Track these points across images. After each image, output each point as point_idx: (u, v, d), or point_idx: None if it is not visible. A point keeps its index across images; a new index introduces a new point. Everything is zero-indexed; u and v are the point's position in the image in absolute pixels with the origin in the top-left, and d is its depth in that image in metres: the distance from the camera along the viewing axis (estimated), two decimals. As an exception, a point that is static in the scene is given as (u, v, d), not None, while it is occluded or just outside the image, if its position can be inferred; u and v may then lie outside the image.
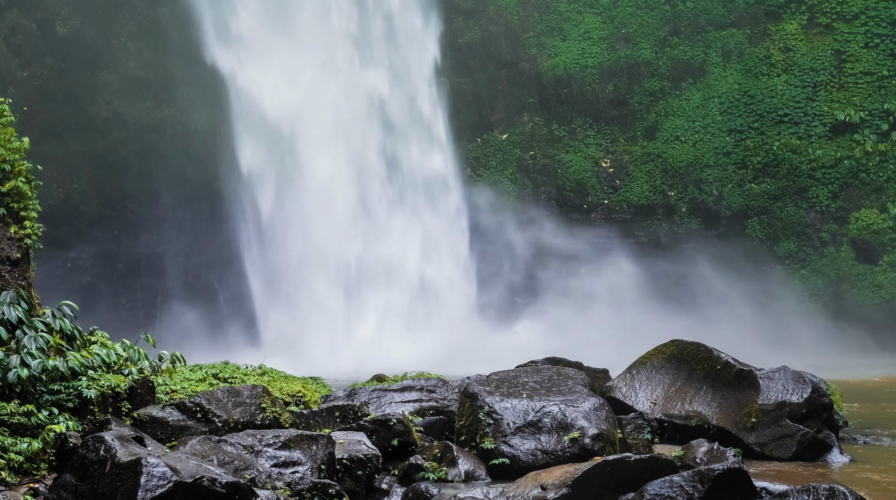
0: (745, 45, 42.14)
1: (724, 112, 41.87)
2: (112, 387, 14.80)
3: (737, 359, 17.81)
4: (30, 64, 42.57)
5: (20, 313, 14.46)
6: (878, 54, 40.78)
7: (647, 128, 42.72)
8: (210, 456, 13.13)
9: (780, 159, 40.88)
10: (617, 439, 15.73)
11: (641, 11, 43.19)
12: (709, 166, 41.68)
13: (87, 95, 42.66)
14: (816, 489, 11.92)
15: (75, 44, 42.43)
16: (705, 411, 17.27)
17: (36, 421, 13.61)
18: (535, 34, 43.68)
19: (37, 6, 42.43)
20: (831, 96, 40.98)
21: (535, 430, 15.53)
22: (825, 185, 40.48)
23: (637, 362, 18.75)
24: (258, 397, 15.69)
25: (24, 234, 15.89)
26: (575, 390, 16.50)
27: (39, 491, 12.58)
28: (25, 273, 15.83)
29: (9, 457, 12.92)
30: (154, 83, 42.67)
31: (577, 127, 43.17)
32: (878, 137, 40.30)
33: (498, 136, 43.63)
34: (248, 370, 19.63)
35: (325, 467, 13.88)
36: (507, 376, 17.30)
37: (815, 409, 16.95)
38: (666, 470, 13.02)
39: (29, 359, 13.90)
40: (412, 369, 23.21)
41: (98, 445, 12.25)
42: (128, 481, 11.73)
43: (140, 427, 14.68)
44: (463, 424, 16.17)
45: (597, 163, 42.87)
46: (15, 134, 16.24)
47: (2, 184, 15.81)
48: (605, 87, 43.00)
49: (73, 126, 42.55)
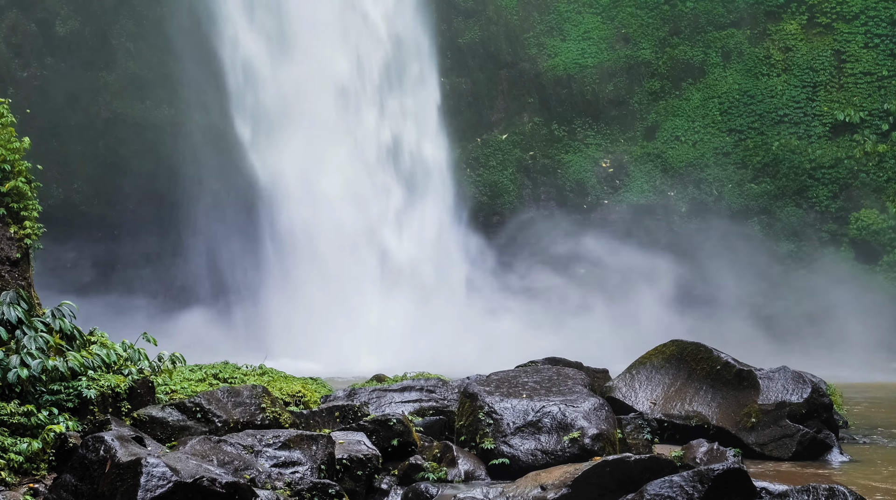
0: (745, 45, 42.13)
1: (724, 112, 41.86)
2: (112, 387, 14.80)
3: (736, 359, 17.82)
4: (30, 64, 42.59)
5: (20, 314, 14.46)
6: (877, 54, 40.78)
7: (647, 128, 42.71)
8: (210, 456, 13.13)
9: (780, 159, 40.87)
10: (617, 439, 15.74)
11: (641, 11, 43.18)
12: (709, 166, 41.67)
13: (87, 95, 42.68)
14: (816, 489, 11.92)
15: (75, 44, 42.44)
16: (705, 412, 17.27)
17: (36, 421, 13.60)
18: (535, 34, 43.67)
19: (37, 6, 42.45)
20: (831, 96, 40.99)
21: (534, 430, 15.54)
22: (825, 185, 40.48)
23: (637, 363, 18.75)
24: (258, 398, 15.68)
25: (24, 234, 15.88)
26: (575, 391, 16.50)
27: (39, 491, 12.58)
28: (25, 273, 15.83)
29: (9, 457, 12.92)
30: (154, 83, 42.67)
31: (577, 127, 43.16)
32: (878, 137, 40.30)
33: (498, 136, 43.63)
34: (247, 370, 19.62)
35: (325, 467, 13.88)
36: (506, 376, 17.30)
37: (814, 409, 16.95)
38: (666, 470, 13.02)
39: (29, 359, 13.90)
40: (412, 368, 23.21)
41: (98, 445, 12.25)
42: (128, 481, 11.73)
43: (140, 427, 14.68)
44: (463, 424, 16.17)
45: (597, 163, 42.86)
46: (15, 134, 16.23)
47: (2, 184, 15.81)
48: (605, 87, 42.99)
49: (73, 126, 42.56)
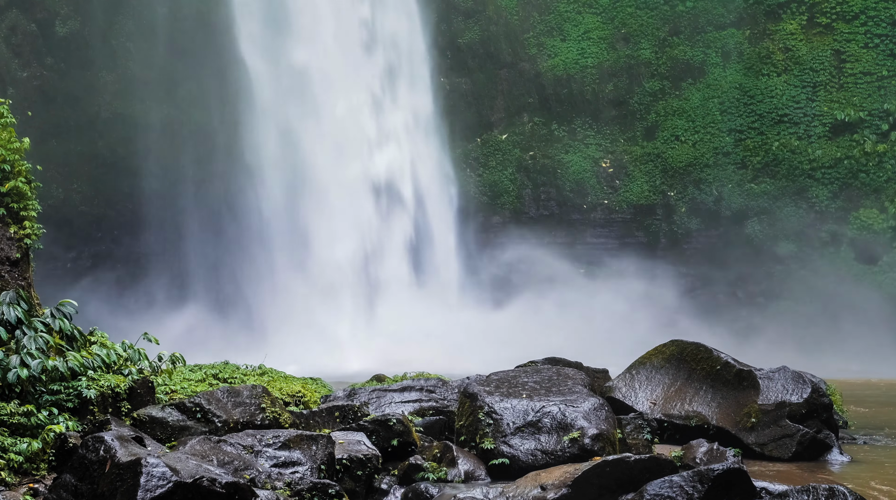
0: (745, 45, 42.13)
1: (723, 112, 41.86)
2: (112, 387, 14.80)
3: (736, 359, 17.80)
4: (30, 64, 42.58)
5: (20, 314, 14.46)
6: (877, 54, 40.78)
7: (646, 128, 42.70)
8: (210, 456, 13.13)
9: (780, 159, 40.87)
10: (617, 439, 15.73)
11: (641, 11, 43.18)
12: (709, 166, 41.67)
13: (87, 95, 42.66)
14: (816, 489, 11.92)
15: (75, 44, 42.44)
16: (705, 412, 17.26)
17: (36, 421, 13.60)
18: (535, 34, 43.66)
19: (37, 6, 42.44)
20: (831, 96, 40.99)
21: (534, 430, 15.53)
22: (825, 185, 40.47)
23: (637, 363, 18.74)
24: (258, 398, 15.68)
25: (24, 234, 15.88)
26: (575, 391, 16.49)
27: (39, 491, 12.58)
28: (25, 273, 15.83)
29: (8, 457, 12.92)
30: (154, 83, 42.66)
31: (577, 127, 43.16)
32: (878, 137, 40.30)
33: (498, 136, 43.62)
34: (247, 370, 19.62)
35: (325, 467, 13.87)
36: (506, 376, 17.30)
37: (814, 409, 16.94)
38: (666, 470, 13.02)
39: (28, 359, 13.90)
40: (412, 367, 23.22)
41: (98, 445, 12.25)
42: (127, 481, 11.73)
43: (140, 427, 14.68)
44: (463, 424, 16.17)
45: (597, 163, 42.86)
46: (15, 134, 16.24)
47: (2, 184, 15.81)
48: (605, 87, 42.99)
49: (73, 126, 42.55)
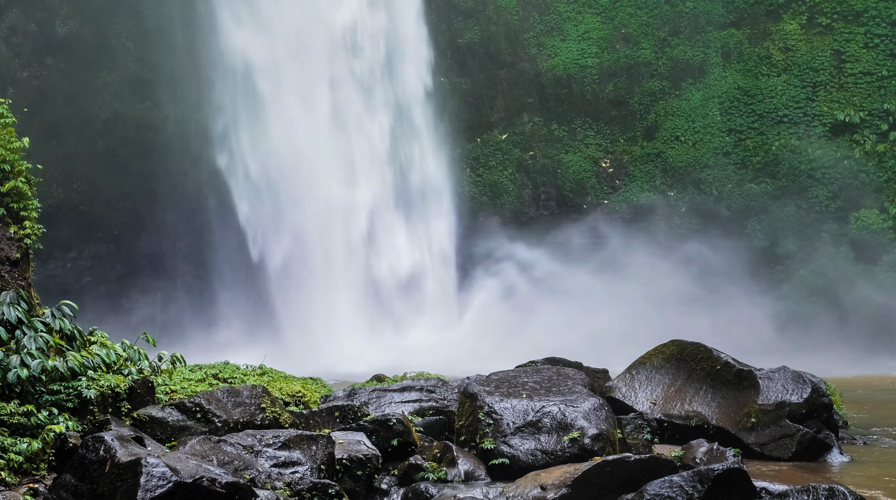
0: (745, 45, 42.11)
1: (723, 112, 41.84)
2: (112, 387, 14.81)
3: (736, 359, 17.82)
4: (30, 64, 42.55)
5: (20, 314, 14.46)
6: (877, 54, 40.76)
7: (646, 128, 42.69)
8: (210, 456, 13.13)
9: (779, 159, 40.86)
10: (617, 439, 15.74)
11: (641, 11, 43.17)
12: (709, 166, 41.65)
13: (87, 95, 42.62)
14: (816, 489, 11.93)
15: (75, 44, 42.41)
16: (705, 412, 17.27)
17: (36, 421, 13.61)
18: (535, 34, 43.65)
19: (37, 6, 42.42)
20: (831, 96, 40.97)
21: (534, 430, 15.54)
22: (825, 185, 40.46)
23: (637, 363, 18.75)
24: (258, 398, 15.69)
25: (24, 234, 15.89)
26: (575, 391, 16.50)
27: (39, 491, 12.58)
28: (25, 273, 15.84)
29: (8, 457, 12.92)
30: (154, 83, 42.65)
31: (577, 127, 43.15)
32: (878, 137, 40.28)
33: (497, 136, 43.61)
34: (247, 370, 19.63)
35: (325, 467, 13.88)
36: (506, 376, 17.31)
37: (814, 409, 16.96)
38: (666, 470, 13.03)
39: (28, 359, 13.90)
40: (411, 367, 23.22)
41: (98, 445, 12.26)
42: (127, 481, 11.74)
43: (140, 427, 14.69)
44: (463, 424, 16.17)
45: (597, 163, 42.85)
46: (15, 134, 16.24)
47: (2, 184, 15.82)
48: (605, 87, 42.97)
49: (73, 126, 42.50)
